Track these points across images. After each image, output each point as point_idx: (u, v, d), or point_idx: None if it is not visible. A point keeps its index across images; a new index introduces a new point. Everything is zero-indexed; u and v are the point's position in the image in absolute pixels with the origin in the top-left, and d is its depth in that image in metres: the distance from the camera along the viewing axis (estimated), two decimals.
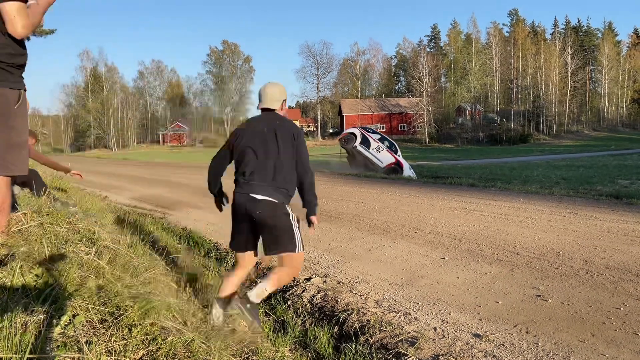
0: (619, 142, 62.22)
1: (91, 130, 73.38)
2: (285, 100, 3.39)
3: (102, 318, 1.82)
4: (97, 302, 1.86)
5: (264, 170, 3.14)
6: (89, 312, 1.77)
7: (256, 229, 3.19)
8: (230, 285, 3.27)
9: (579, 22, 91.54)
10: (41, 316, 1.55)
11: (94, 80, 75.34)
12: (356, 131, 15.94)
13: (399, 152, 15.53)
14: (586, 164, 25.67)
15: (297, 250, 3.17)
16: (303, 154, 3.24)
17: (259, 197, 3.10)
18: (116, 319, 1.82)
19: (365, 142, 15.36)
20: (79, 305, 1.76)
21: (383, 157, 14.96)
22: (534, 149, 55.69)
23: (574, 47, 77.00)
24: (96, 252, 2.72)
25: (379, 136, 16.30)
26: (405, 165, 15.36)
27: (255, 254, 3.37)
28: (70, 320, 1.63)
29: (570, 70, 75.07)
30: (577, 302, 3.69)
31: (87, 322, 1.74)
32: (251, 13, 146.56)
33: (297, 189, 3.34)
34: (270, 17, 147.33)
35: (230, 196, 3.36)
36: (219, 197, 3.52)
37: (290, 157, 3.18)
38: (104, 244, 2.93)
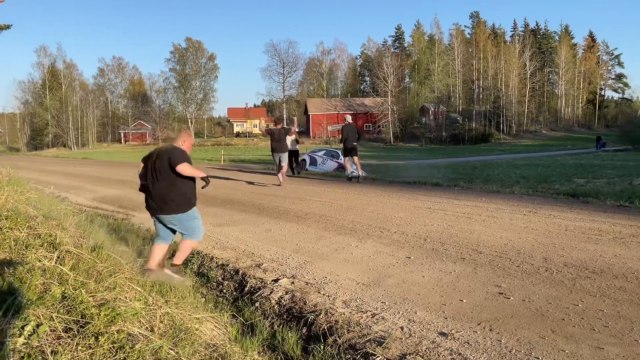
0: (575, 142, 64.48)
1: (49, 129, 71.01)
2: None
3: (66, 327, 1.77)
4: (62, 310, 1.81)
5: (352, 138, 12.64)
6: (53, 320, 1.72)
7: (351, 152, 12.77)
8: None
9: (537, 24, 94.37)
10: (3, 327, 1.50)
11: (51, 77, 72.91)
12: (305, 157, 21.26)
13: (341, 157, 20.02)
14: (544, 163, 26.44)
15: None
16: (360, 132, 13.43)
17: (355, 144, 12.61)
18: (82, 327, 1.77)
19: (314, 162, 20.62)
20: (43, 314, 1.71)
21: (328, 165, 20.35)
22: (495, 148, 57.08)
23: (533, 50, 79.26)
24: (58, 257, 2.65)
25: (323, 151, 22.31)
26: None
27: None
28: (34, 330, 1.58)
29: (529, 72, 77.21)
30: (538, 299, 3.81)
31: (51, 331, 1.68)
32: (215, 10, 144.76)
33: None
34: (235, 14, 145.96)
35: None
36: None
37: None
38: (66, 249, 2.86)
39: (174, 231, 4.75)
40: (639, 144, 43.03)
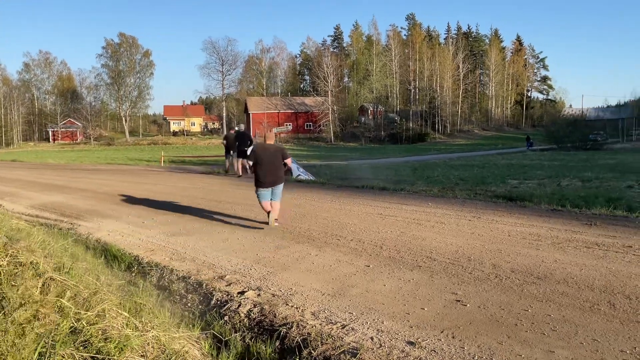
0: (505, 141, 68.00)
1: None
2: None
3: None
4: (80, 348, 1.89)
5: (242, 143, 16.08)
6: (74, 358, 1.80)
7: (243, 155, 15.39)
8: None
9: (469, 28, 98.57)
10: None
11: None
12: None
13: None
14: (479, 163, 27.77)
15: None
16: (251, 139, 16.57)
17: (246, 149, 15.55)
18: None
19: None
20: (66, 354, 1.78)
21: None
22: (431, 148, 59.11)
23: (465, 52, 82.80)
24: (45, 285, 2.67)
25: None
26: (293, 167, 19.75)
27: None
28: None
29: (462, 74, 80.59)
30: (492, 306, 4.16)
31: None
32: (150, 5, 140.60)
33: None
34: (171, 10, 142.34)
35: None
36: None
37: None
38: (50, 276, 2.87)
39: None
40: (563, 143, 46.04)
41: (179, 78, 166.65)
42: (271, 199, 7.66)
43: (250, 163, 7.72)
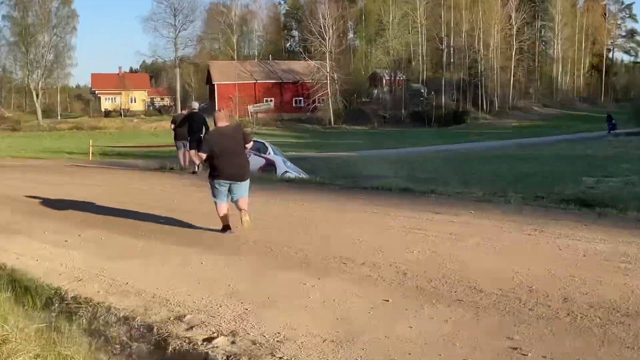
0: (576, 123, 67.73)
1: None
2: None
3: None
4: None
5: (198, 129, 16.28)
6: None
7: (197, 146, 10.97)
8: None
9: None
10: None
11: None
12: None
13: (270, 150, 20.11)
14: (538, 154, 27.92)
15: None
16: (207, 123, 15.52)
17: (202, 135, 13.59)
18: None
19: None
20: None
21: (252, 162, 20.95)
22: (472, 132, 59.17)
23: None
24: None
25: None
26: (279, 161, 19.60)
27: None
28: None
29: (515, 27, 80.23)
30: (563, 356, 4.19)
31: None
32: None
33: None
34: None
35: None
36: None
37: None
38: None
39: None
40: None
41: (114, 35, 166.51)
42: (233, 199, 8.15)
43: (203, 155, 8.03)
